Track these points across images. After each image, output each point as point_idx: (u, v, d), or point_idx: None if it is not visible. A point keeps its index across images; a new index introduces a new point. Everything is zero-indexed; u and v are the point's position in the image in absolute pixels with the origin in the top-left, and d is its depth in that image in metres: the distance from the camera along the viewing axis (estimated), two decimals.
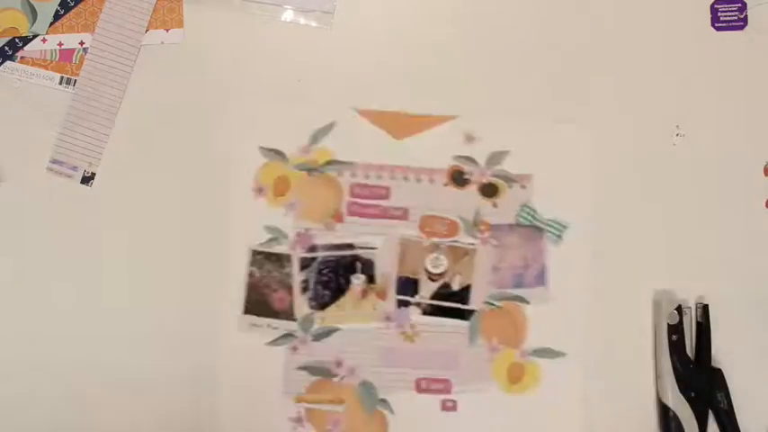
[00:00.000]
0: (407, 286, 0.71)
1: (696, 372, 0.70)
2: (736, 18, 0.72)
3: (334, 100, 0.72)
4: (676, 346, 0.70)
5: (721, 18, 0.72)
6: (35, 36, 0.71)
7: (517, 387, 0.71)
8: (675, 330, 0.69)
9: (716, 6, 0.72)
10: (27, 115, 0.71)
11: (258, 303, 0.71)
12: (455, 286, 0.72)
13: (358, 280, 0.71)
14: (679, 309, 0.70)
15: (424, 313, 0.71)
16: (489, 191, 0.72)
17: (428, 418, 0.71)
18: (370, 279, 0.71)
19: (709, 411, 0.70)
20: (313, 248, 0.72)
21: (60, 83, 0.71)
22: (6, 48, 0.71)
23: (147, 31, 0.71)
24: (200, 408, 0.70)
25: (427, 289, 0.72)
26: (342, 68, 0.72)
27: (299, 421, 0.70)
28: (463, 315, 0.71)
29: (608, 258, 0.72)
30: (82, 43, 0.71)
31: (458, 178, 0.72)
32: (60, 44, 0.71)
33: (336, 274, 0.72)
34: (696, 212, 0.72)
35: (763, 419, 0.71)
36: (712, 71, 0.73)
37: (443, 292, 0.72)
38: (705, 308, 0.70)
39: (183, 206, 0.71)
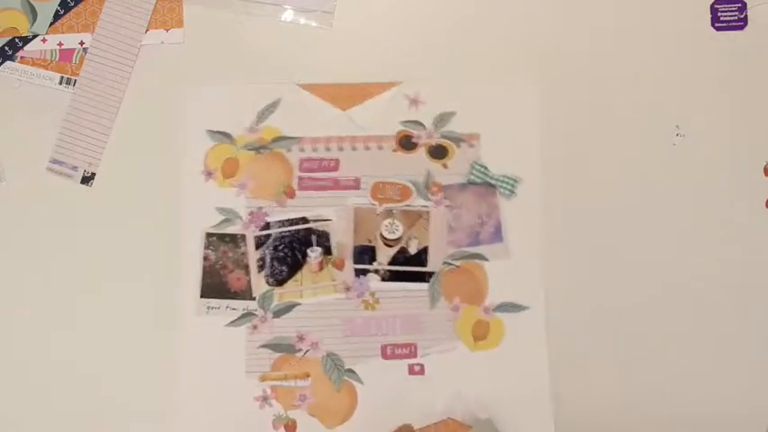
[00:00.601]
0: (364, 254, 0.71)
1: None
2: (736, 18, 0.73)
3: (277, 77, 0.72)
4: None
5: (721, 18, 0.73)
6: (35, 36, 0.71)
7: (483, 344, 0.70)
8: None
9: (716, 6, 0.73)
10: (27, 115, 0.71)
11: (215, 286, 0.70)
12: (412, 250, 0.71)
13: (314, 253, 0.71)
14: None
15: (384, 280, 0.71)
16: (438, 152, 0.72)
17: (397, 384, 0.70)
18: (327, 251, 0.71)
19: None
20: (267, 226, 0.71)
21: (60, 83, 0.71)
22: (6, 48, 0.71)
23: (147, 31, 0.71)
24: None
25: (384, 255, 0.71)
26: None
27: (266, 399, 0.69)
28: (423, 278, 0.71)
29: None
30: (82, 43, 0.71)
31: (406, 143, 0.72)
32: (60, 44, 0.71)
33: (292, 249, 0.71)
34: (696, 212, 0.72)
35: (764, 419, 0.71)
36: (712, 71, 0.73)
37: (401, 257, 0.71)
38: None
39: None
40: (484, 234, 0.72)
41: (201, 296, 0.70)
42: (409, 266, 0.71)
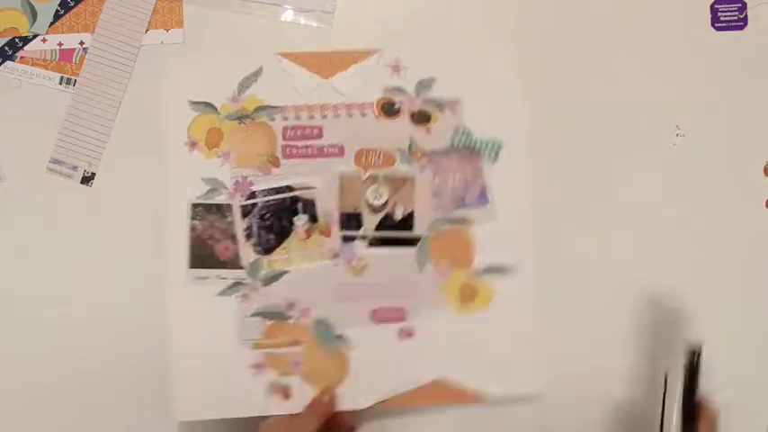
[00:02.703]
0: (351, 221, 0.72)
1: None
2: (736, 18, 0.73)
3: (258, 46, 0.72)
4: None
5: (721, 18, 0.73)
6: (35, 36, 0.71)
7: (471, 306, 0.71)
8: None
9: (716, 6, 0.73)
10: (27, 115, 0.71)
11: (203, 256, 0.70)
12: (398, 215, 0.72)
13: (300, 221, 0.71)
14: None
15: (371, 245, 0.71)
16: (421, 118, 0.73)
17: (387, 348, 0.71)
18: (313, 218, 0.71)
19: None
20: (253, 195, 0.71)
21: (60, 83, 0.71)
22: (6, 48, 0.71)
23: (147, 31, 0.71)
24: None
25: (371, 221, 0.72)
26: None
27: (260, 367, 0.70)
28: (410, 242, 0.72)
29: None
30: (82, 43, 0.71)
31: (389, 109, 0.73)
32: (60, 44, 0.71)
33: (279, 218, 0.71)
34: (696, 212, 0.73)
35: (764, 417, 0.72)
36: (712, 71, 0.73)
37: (388, 223, 0.72)
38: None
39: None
40: (469, 198, 0.72)
41: (190, 266, 0.70)
42: (396, 232, 0.72)
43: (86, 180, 0.71)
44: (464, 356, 0.70)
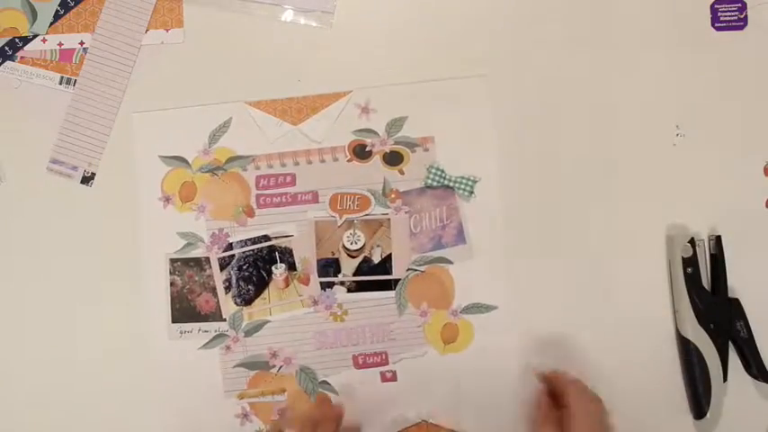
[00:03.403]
0: (329, 267, 0.72)
1: (714, 303, 0.70)
2: (736, 18, 0.72)
3: (225, 97, 0.72)
4: (692, 279, 0.70)
5: (721, 18, 0.72)
6: (35, 36, 0.71)
7: (453, 347, 0.71)
8: (690, 263, 0.70)
9: (716, 6, 0.72)
10: (27, 115, 0.71)
11: (185, 310, 0.71)
12: (376, 259, 0.72)
13: (278, 269, 0.72)
14: (692, 241, 0.70)
15: (350, 291, 0.71)
16: (394, 159, 0.72)
17: (371, 392, 0.71)
18: (291, 266, 0.72)
19: (729, 342, 0.71)
20: (230, 246, 0.72)
21: (60, 83, 0.71)
22: (6, 48, 0.71)
23: (147, 31, 0.71)
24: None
25: (349, 266, 0.72)
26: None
27: (246, 416, 0.71)
28: (389, 285, 0.71)
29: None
30: (82, 43, 0.71)
31: (360, 152, 0.72)
32: (60, 44, 0.71)
33: (257, 268, 0.72)
34: (695, 213, 0.72)
35: (764, 419, 0.72)
36: (712, 71, 0.72)
37: (366, 267, 0.72)
38: (718, 239, 0.70)
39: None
40: (446, 237, 0.72)
41: (173, 321, 0.71)
42: (374, 276, 0.72)
43: (86, 180, 0.71)
44: (447, 397, 0.71)
